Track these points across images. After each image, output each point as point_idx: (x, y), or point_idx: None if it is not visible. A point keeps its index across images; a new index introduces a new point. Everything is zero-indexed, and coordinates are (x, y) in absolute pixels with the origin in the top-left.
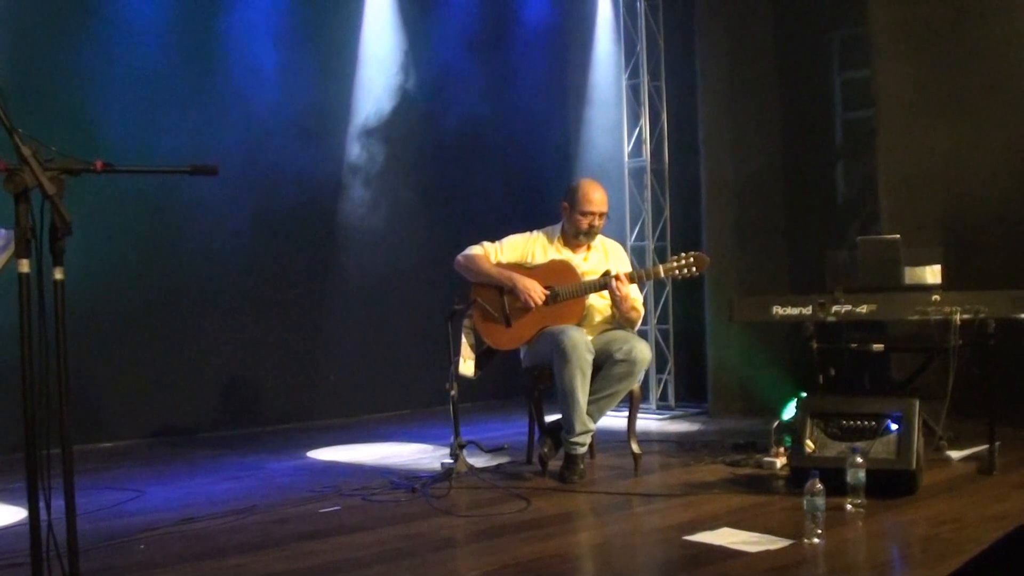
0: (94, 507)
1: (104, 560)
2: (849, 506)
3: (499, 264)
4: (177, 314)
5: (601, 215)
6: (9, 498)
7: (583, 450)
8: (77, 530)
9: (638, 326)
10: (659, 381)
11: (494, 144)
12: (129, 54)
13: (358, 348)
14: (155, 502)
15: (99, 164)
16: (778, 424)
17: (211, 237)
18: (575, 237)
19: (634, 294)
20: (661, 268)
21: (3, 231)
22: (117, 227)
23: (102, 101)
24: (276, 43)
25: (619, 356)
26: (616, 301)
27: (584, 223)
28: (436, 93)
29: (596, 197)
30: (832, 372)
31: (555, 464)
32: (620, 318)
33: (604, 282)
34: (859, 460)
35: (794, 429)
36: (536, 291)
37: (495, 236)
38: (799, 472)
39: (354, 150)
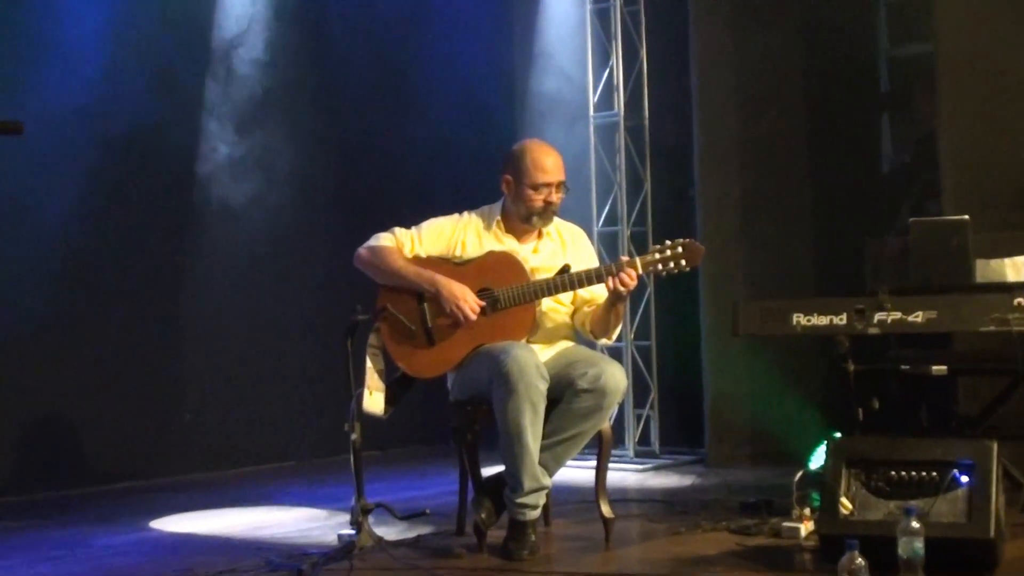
0: None
1: None
2: None
3: (417, 259)
4: None
5: (559, 186)
6: None
7: (535, 514)
8: None
9: (612, 340)
10: (638, 418)
11: (415, 92)
12: None
13: (223, 376)
14: None
15: None
16: (802, 476)
17: (16, 227)
18: (525, 220)
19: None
20: (639, 262)
21: None
22: None
23: None
24: None
25: (583, 384)
26: (608, 302)
27: (537, 200)
28: (337, 18)
29: (549, 163)
30: (876, 404)
31: (496, 534)
32: (591, 329)
33: (600, 272)
34: (915, 525)
35: (824, 483)
36: (468, 299)
37: (413, 220)
38: (832, 542)
39: (218, 98)
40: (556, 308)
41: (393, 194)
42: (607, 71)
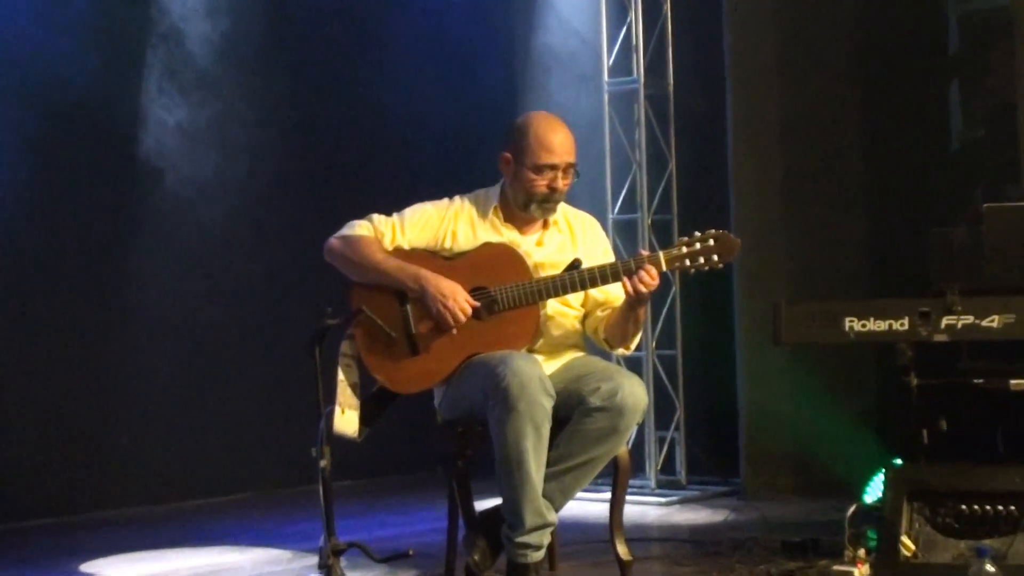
0: None
1: None
2: None
3: (399, 252)
4: None
5: (567, 168)
6: None
7: (538, 556)
8: None
9: (631, 350)
10: (661, 442)
11: (400, 53)
12: None
13: (168, 391)
14: None
15: None
16: (856, 511)
17: None
18: (523, 208)
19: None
20: (662, 256)
21: None
22: None
23: None
24: None
25: (596, 401)
26: (626, 305)
27: (540, 184)
28: None
29: (556, 141)
30: (943, 425)
31: None
32: (605, 336)
33: (616, 269)
34: (990, 569)
35: (882, 519)
36: (459, 299)
37: (393, 205)
38: None
39: (162, 57)
40: (564, 312)
41: (369, 173)
42: (624, 29)
